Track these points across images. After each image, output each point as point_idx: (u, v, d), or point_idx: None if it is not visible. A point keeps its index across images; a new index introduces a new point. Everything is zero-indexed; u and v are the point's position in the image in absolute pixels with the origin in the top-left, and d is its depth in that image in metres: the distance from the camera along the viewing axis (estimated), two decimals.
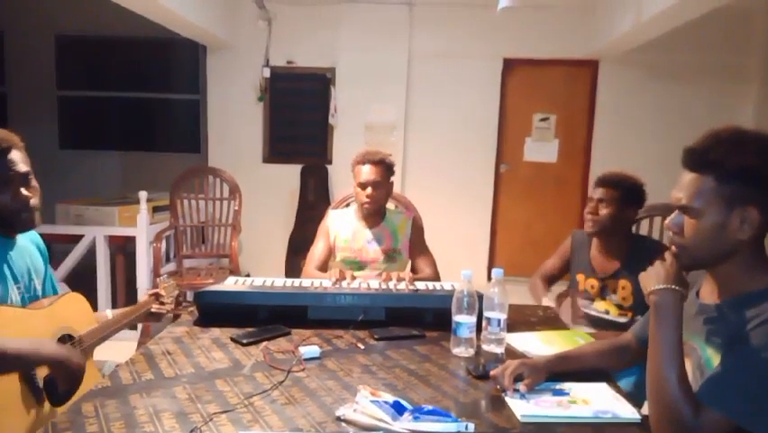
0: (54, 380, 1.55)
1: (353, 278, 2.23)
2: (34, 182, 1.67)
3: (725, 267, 1.24)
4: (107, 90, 6.67)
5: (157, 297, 1.96)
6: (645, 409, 1.58)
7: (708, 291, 1.32)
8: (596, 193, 2.32)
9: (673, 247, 1.28)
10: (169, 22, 4.51)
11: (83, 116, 6.71)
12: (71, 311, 1.74)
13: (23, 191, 1.61)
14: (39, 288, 1.77)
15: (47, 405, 1.56)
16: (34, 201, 1.65)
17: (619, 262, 2.31)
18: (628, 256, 2.29)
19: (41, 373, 1.54)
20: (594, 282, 2.37)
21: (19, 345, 1.42)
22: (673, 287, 1.23)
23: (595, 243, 2.40)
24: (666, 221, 1.30)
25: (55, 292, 1.86)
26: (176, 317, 2.03)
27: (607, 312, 2.34)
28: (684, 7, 3.69)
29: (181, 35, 5.00)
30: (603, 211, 2.27)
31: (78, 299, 1.82)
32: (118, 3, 3.84)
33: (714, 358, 1.21)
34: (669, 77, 5.46)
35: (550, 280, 2.58)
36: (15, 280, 1.65)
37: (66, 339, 1.63)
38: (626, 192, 2.29)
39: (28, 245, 1.79)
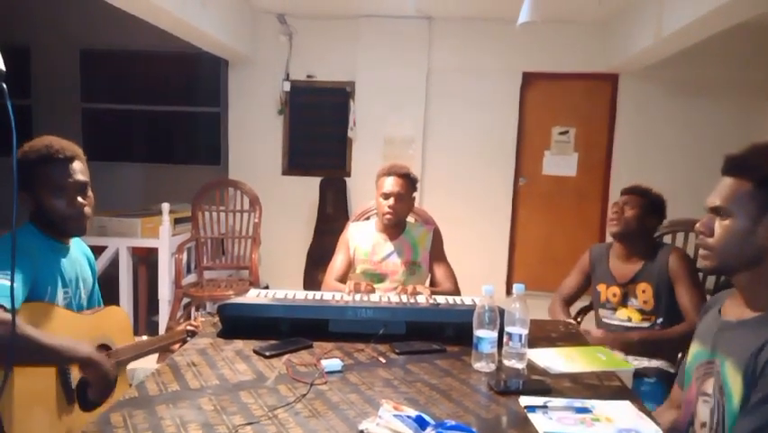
0: (85, 384, 1.60)
1: (369, 286, 2.26)
2: (90, 193, 1.76)
3: (749, 277, 1.25)
4: (130, 103, 6.80)
5: (192, 334, 2.00)
6: None
7: (731, 308, 1.32)
8: (621, 199, 2.40)
9: (701, 250, 1.30)
10: (193, 37, 4.60)
11: (106, 129, 6.83)
12: (112, 324, 1.81)
13: (79, 199, 1.70)
14: (84, 298, 1.84)
15: (77, 410, 1.60)
16: (88, 210, 1.74)
17: (639, 266, 2.35)
18: (649, 260, 2.34)
19: (77, 375, 1.59)
20: (616, 290, 2.39)
21: (59, 341, 1.49)
22: None
23: (614, 251, 2.45)
24: (697, 224, 1.31)
25: (100, 306, 1.93)
26: (193, 333, 2.06)
27: (629, 319, 2.35)
28: (705, 23, 3.67)
29: (204, 50, 5.10)
30: (629, 212, 2.35)
31: (120, 314, 1.88)
32: (142, 18, 3.93)
33: (730, 377, 1.20)
34: (690, 91, 5.43)
35: (569, 300, 2.59)
36: (64, 286, 1.72)
37: (102, 349, 1.68)
38: (651, 201, 2.38)
39: (80, 257, 1.87)
